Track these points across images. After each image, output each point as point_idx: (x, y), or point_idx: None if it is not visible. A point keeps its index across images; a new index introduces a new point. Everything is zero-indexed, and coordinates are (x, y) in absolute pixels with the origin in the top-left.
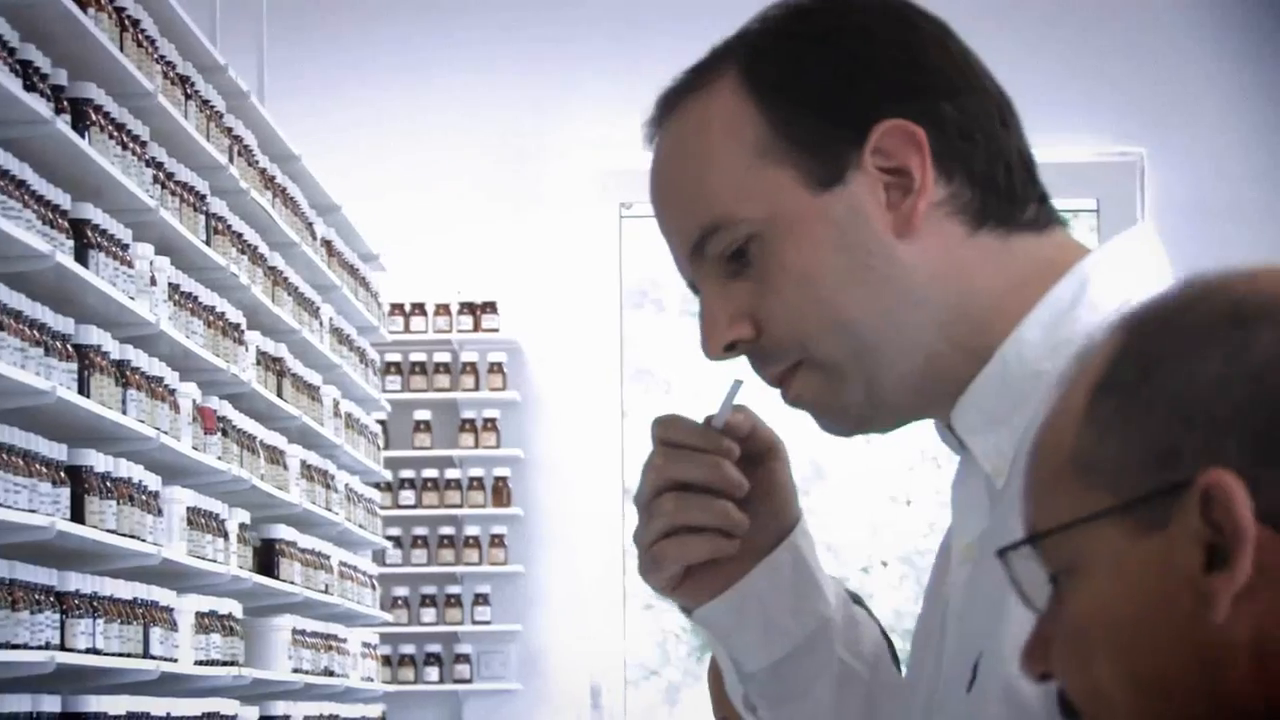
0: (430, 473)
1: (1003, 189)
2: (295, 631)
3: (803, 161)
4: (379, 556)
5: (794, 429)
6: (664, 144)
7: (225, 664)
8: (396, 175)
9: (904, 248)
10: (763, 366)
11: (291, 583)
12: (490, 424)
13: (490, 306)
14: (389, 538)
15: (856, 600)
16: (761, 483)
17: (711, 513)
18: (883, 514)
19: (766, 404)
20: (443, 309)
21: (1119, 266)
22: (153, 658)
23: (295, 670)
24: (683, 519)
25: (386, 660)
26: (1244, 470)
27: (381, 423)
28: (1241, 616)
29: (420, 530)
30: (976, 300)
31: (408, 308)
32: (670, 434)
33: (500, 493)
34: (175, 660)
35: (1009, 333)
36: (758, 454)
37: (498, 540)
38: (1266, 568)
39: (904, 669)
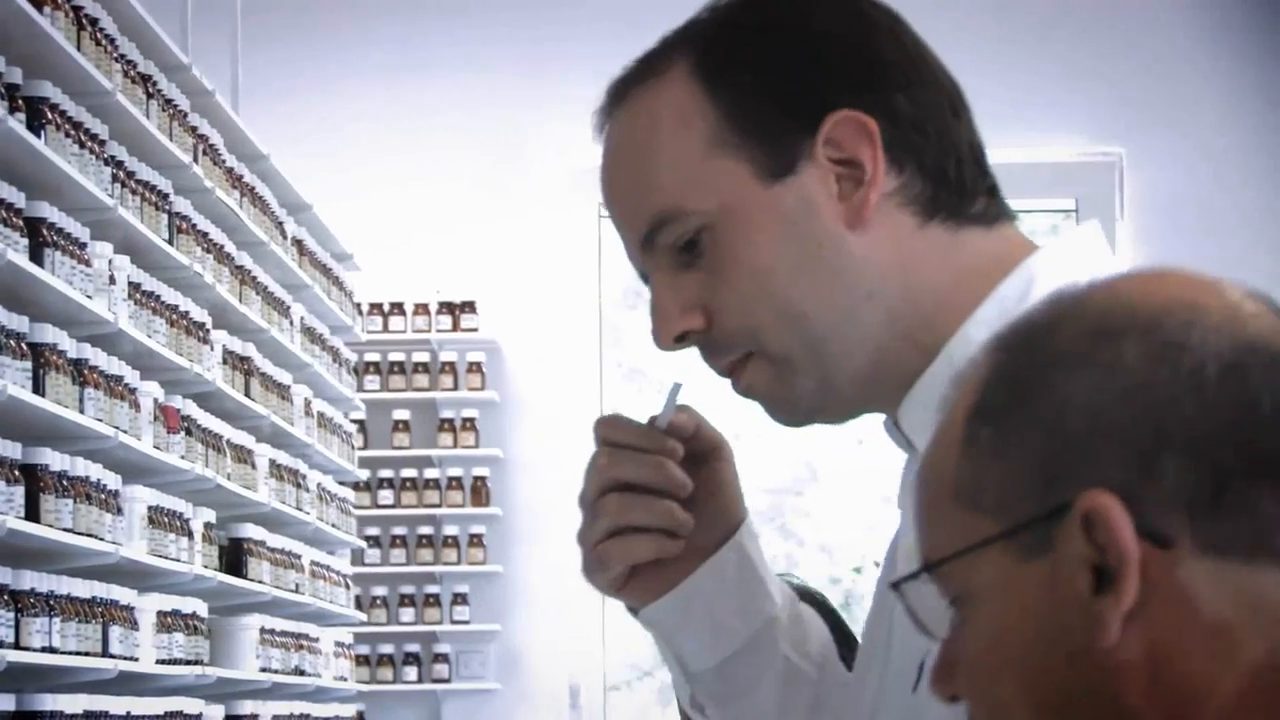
0: (409, 472)
1: (953, 181)
2: (264, 630)
3: (754, 152)
4: (357, 556)
5: (788, 430)
6: (614, 135)
7: (189, 663)
8: (376, 174)
9: (855, 239)
10: (713, 357)
11: (260, 582)
12: (469, 424)
13: (469, 306)
14: (367, 537)
15: (808, 597)
16: (706, 483)
17: (655, 513)
18: (876, 514)
19: (754, 406)
20: (421, 308)
21: (1066, 264)
22: (112, 656)
23: (263, 670)
24: (627, 519)
25: (365, 660)
26: (1123, 489)
27: (359, 422)
28: (1134, 636)
29: (399, 530)
30: (925, 294)
31: (386, 307)
32: (613, 434)
33: (479, 492)
34: (136, 659)
35: (956, 328)
36: (702, 454)
37: (476, 540)
38: (1154, 585)
39: None
